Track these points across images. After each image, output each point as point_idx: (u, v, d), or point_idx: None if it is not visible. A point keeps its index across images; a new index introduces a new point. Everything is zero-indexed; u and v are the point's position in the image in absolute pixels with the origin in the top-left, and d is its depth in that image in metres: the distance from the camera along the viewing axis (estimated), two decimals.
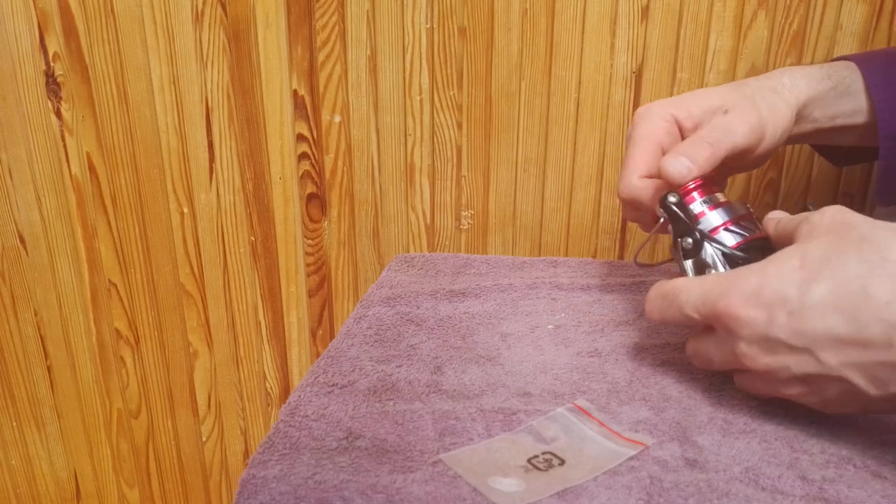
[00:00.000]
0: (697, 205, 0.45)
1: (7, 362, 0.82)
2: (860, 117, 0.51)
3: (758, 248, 0.43)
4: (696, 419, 0.41)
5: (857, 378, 0.34)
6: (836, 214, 0.38)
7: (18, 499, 0.88)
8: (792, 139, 0.52)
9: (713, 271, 0.43)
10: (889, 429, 0.40)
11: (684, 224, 0.44)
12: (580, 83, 0.69)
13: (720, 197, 0.45)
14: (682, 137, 0.49)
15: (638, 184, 0.48)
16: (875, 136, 0.51)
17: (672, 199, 0.45)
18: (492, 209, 0.74)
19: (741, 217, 0.44)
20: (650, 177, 0.48)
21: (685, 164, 0.44)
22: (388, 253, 0.76)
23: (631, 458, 0.37)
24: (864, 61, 0.52)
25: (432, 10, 0.68)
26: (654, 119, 0.49)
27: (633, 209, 0.50)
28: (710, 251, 0.43)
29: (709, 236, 0.43)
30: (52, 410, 0.84)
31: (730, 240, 0.43)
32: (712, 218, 0.44)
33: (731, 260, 0.43)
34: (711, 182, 0.46)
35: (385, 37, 0.69)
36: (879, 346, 0.33)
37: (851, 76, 0.51)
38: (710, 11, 0.66)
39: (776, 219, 0.43)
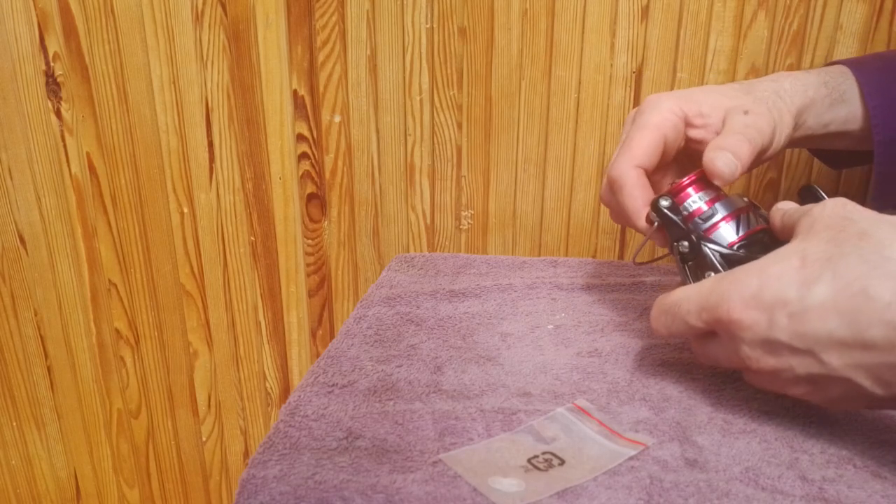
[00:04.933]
0: (694, 200, 0.44)
1: (7, 362, 0.82)
2: (854, 124, 0.51)
3: (759, 241, 0.42)
4: (696, 419, 0.41)
5: (862, 379, 0.34)
6: (836, 207, 0.37)
7: (18, 499, 0.88)
8: (786, 144, 0.51)
9: (712, 273, 0.42)
10: (889, 429, 0.40)
11: (679, 228, 0.43)
12: (580, 83, 0.69)
13: (716, 191, 0.44)
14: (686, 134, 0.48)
15: (631, 171, 0.46)
16: (869, 140, 0.51)
17: (664, 202, 0.44)
18: (492, 209, 0.74)
19: (740, 210, 0.43)
20: (644, 167, 0.47)
21: (732, 160, 0.43)
22: (388, 253, 0.76)
23: (631, 458, 0.37)
24: (857, 66, 0.51)
25: (432, 10, 0.68)
26: (664, 111, 0.47)
27: (613, 192, 0.48)
28: (707, 253, 0.42)
29: (705, 237, 0.42)
30: (52, 410, 0.84)
31: (730, 234, 0.42)
32: (710, 214, 0.43)
33: (730, 260, 0.42)
34: (706, 176, 0.44)
35: (385, 37, 0.69)
36: (882, 348, 0.33)
37: (846, 83, 0.51)
38: (710, 11, 0.66)
39: (783, 210, 0.42)
